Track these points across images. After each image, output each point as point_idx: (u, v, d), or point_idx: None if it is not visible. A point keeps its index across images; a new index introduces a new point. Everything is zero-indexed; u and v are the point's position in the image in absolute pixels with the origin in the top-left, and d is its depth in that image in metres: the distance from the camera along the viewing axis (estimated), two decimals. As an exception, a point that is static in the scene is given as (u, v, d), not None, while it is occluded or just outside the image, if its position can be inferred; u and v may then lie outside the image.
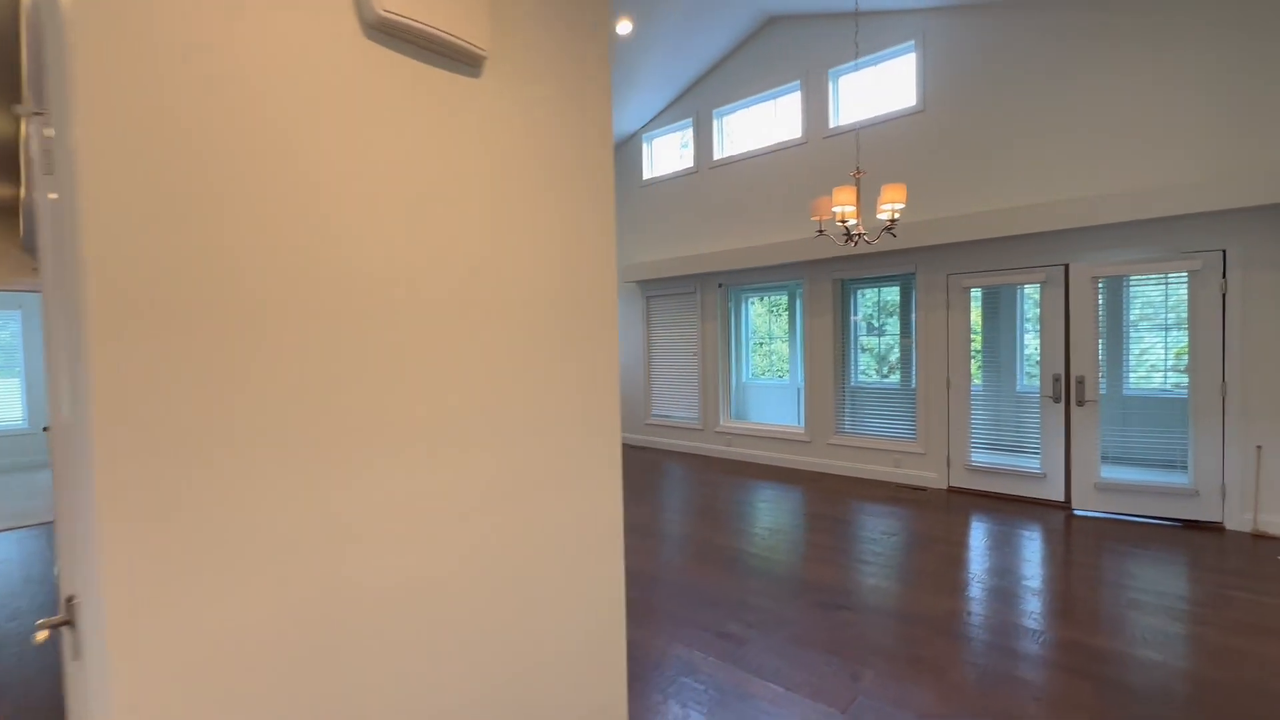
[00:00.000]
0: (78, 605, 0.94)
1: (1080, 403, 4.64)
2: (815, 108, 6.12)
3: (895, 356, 6.15)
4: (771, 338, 7.83)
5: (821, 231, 4.19)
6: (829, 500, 5.15)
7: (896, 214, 3.85)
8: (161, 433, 0.78)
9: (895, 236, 5.16)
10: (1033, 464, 4.97)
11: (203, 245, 0.82)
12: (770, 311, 7.81)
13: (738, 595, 3.28)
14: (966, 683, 2.40)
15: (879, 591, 3.28)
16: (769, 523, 4.56)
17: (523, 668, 1.25)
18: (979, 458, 5.25)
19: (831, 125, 6.03)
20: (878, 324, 6.33)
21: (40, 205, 1.48)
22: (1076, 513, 4.63)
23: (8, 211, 6.80)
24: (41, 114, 1.29)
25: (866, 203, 5.52)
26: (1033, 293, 5.15)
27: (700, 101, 7.09)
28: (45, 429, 3.30)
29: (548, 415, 1.30)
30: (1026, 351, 5.65)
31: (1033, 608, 3.04)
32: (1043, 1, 4.74)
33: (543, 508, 1.29)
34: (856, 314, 6.30)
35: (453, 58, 1.12)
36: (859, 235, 4.11)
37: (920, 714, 2.20)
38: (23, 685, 2.56)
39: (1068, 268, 4.71)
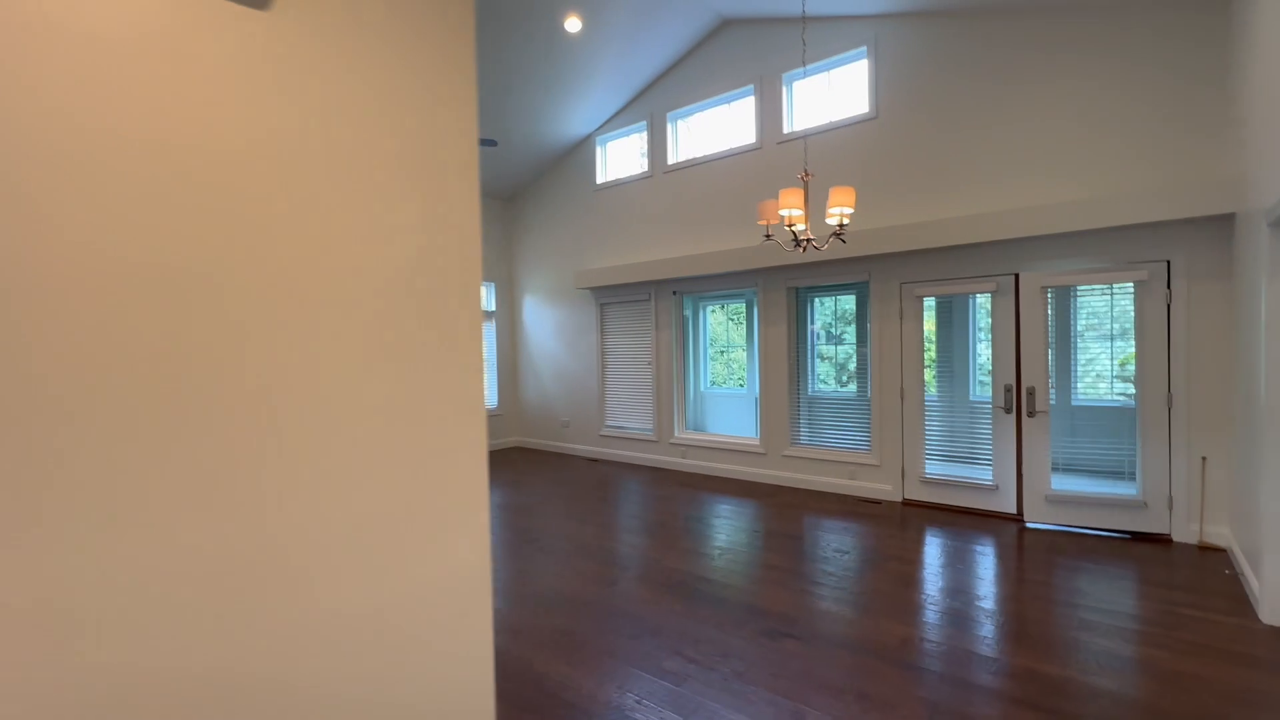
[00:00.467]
0: None
1: (1031, 414, 4.59)
2: (769, 113, 6.00)
3: (854, 365, 6.05)
4: (731, 346, 7.67)
5: (769, 236, 4.02)
6: (782, 515, 4.97)
7: (846, 219, 3.70)
8: None
9: (845, 243, 5.05)
10: (985, 476, 4.90)
11: None
12: (730, 319, 7.65)
13: (680, 624, 3.05)
14: (915, 723, 2.22)
15: (829, 617, 3.10)
16: (719, 540, 4.35)
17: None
18: (933, 469, 5.17)
19: (786, 131, 5.92)
20: (836, 332, 6.23)
21: None
22: (1029, 525, 4.57)
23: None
24: None
25: (816, 208, 5.40)
26: (985, 302, 5.11)
27: (654, 104, 6.90)
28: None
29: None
30: (980, 361, 5.61)
31: (985, 632, 2.90)
32: (991, 9, 4.70)
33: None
34: (814, 322, 6.19)
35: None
36: (807, 241, 3.96)
37: (865, 763, 2.00)
38: None
39: (1018, 277, 4.67)
